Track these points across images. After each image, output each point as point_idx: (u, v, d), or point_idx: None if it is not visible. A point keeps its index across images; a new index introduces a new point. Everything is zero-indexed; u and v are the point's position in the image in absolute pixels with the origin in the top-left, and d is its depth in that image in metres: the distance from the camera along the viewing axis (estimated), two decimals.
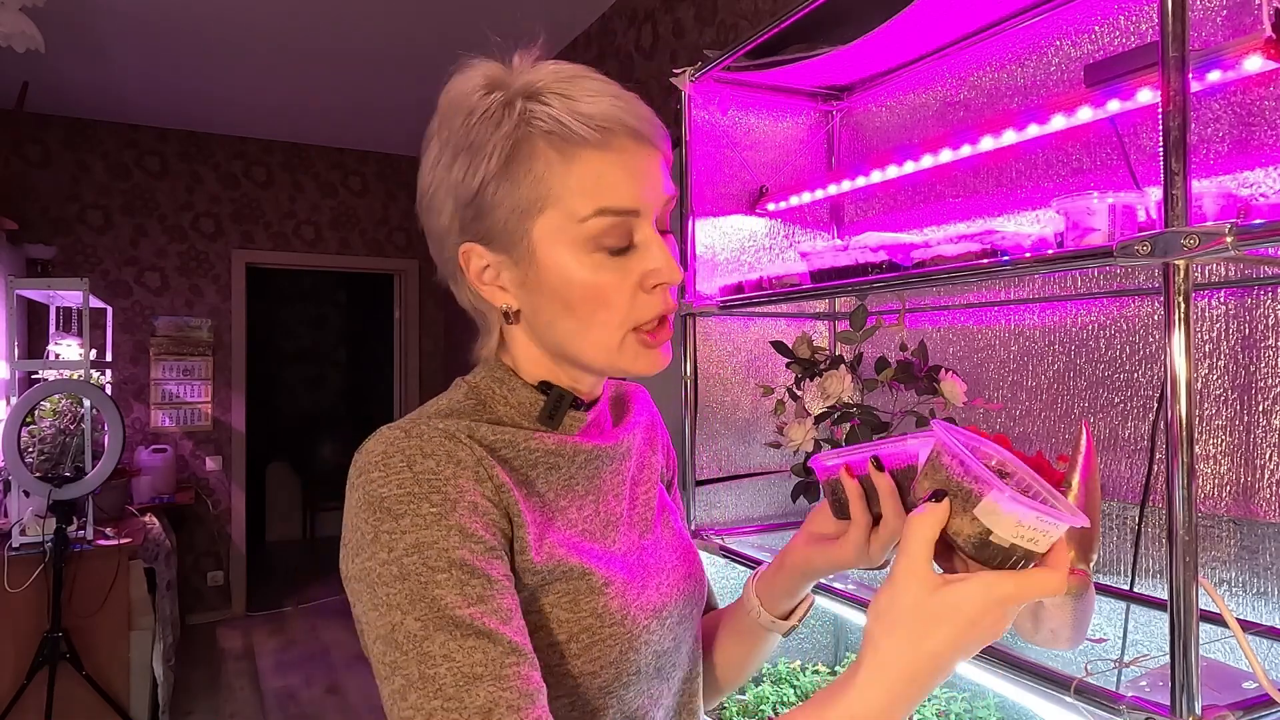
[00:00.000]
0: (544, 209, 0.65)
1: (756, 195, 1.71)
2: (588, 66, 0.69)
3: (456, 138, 0.65)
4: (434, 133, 0.68)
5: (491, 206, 0.65)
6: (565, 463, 0.72)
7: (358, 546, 0.60)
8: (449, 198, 0.67)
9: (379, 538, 0.59)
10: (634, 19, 3.09)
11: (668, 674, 0.74)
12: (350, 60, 3.85)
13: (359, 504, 0.61)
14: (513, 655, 0.57)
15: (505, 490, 0.65)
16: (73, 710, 2.98)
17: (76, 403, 3.27)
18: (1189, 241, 0.74)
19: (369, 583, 0.59)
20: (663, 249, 0.67)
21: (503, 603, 0.59)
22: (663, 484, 0.86)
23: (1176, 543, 0.74)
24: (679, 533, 0.83)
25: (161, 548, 3.69)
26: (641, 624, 0.70)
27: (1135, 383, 1.20)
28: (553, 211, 0.64)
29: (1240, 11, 1.05)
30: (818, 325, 1.76)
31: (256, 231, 5.18)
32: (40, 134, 4.61)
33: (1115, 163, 1.21)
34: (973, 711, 1.40)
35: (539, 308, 0.68)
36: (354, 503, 0.62)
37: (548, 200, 0.64)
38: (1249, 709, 0.76)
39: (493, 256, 0.67)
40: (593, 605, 0.67)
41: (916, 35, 1.43)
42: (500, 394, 0.72)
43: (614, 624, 0.67)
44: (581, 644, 0.66)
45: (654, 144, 0.69)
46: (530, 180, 0.64)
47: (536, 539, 0.66)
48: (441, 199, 0.67)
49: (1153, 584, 1.15)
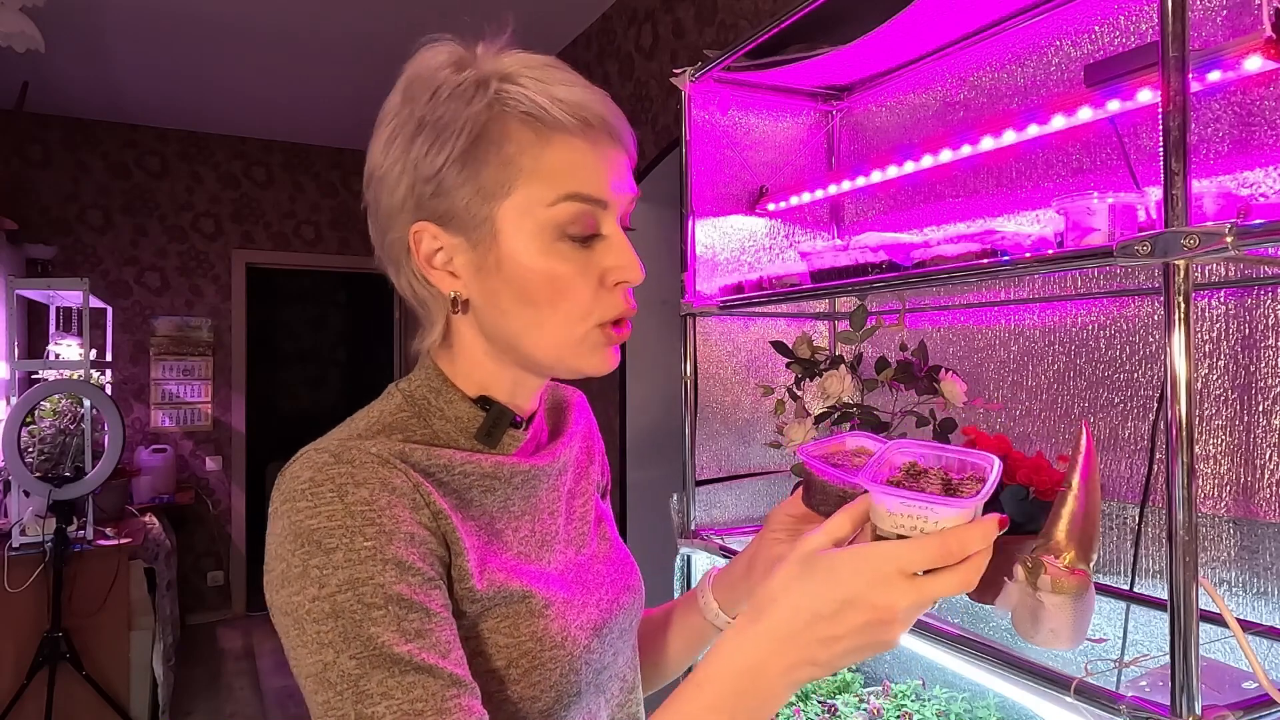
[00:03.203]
0: (510, 191, 0.62)
1: (756, 195, 1.71)
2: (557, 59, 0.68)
3: (421, 113, 0.63)
4: (393, 108, 0.65)
5: (454, 186, 0.62)
6: (502, 485, 0.68)
7: (283, 579, 0.57)
8: (405, 174, 0.63)
9: (308, 572, 0.55)
10: (634, 19, 3.09)
11: (605, 687, 0.73)
12: (351, 60, 3.85)
13: (285, 534, 0.57)
14: (454, 688, 0.55)
15: (443, 517, 0.62)
16: (73, 710, 2.99)
17: (76, 403, 3.27)
18: (1189, 241, 0.74)
19: (296, 619, 0.56)
20: (627, 246, 0.66)
21: (442, 636, 0.57)
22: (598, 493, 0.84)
23: (1176, 543, 0.74)
24: (615, 544, 0.81)
25: (161, 548, 3.69)
26: (582, 644, 0.68)
27: (1135, 383, 1.20)
28: (520, 195, 0.62)
29: (1240, 11, 1.05)
30: (818, 325, 1.76)
31: (256, 231, 5.18)
32: (40, 134, 4.62)
33: (1115, 163, 1.21)
34: (973, 711, 1.40)
35: (494, 296, 0.64)
36: (279, 531, 0.58)
37: (516, 183, 0.62)
38: (1249, 709, 0.76)
39: (448, 239, 0.64)
40: (533, 629, 0.64)
41: (916, 35, 1.43)
42: (436, 405, 0.68)
43: (554, 646, 0.65)
44: (521, 669, 0.63)
45: (624, 143, 0.67)
46: (499, 161, 0.62)
47: (478, 565, 0.63)
48: (396, 176, 0.64)
49: (1153, 584, 1.15)
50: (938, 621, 1.05)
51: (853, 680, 1.60)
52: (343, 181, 5.44)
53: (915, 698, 1.50)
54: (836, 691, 1.58)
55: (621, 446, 3.14)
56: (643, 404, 3.16)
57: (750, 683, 0.53)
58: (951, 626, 1.03)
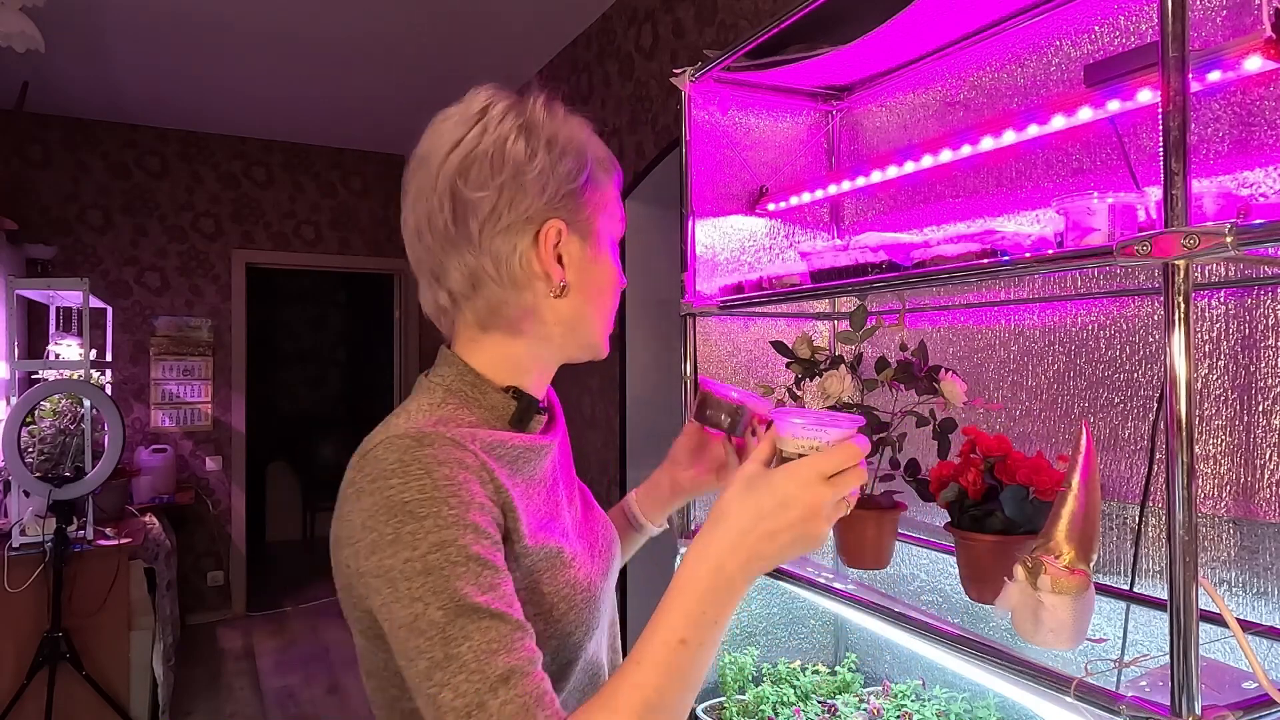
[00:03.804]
0: (602, 208, 0.84)
1: (756, 195, 1.71)
2: None
3: (562, 141, 0.81)
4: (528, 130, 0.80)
5: (586, 200, 0.82)
6: (533, 458, 0.82)
7: (374, 546, 0.67)
8: (548, 184, 0.79)
9: (400, 538, 0.66)
10: (634, 19, 3.09)
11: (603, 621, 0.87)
12: (351, 60, 3.85)
13: (376, 508, 0.68)
14: (518, 631, 0.66)
15: (503, 489, 0.74)
16: (73, 710, 2.99)
17: (76, 403, 3.27)
18: (1189, 241, 0.74)
19: (390, 579, 0.66)
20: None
21: (507, 589, 0.69)
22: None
23: (1176, 543, 0.74)
24: (593, 505, 0.97)
25: (161, 548, 3.69)
26: (597, 587, 0.83)
27: (1135, 383, 1.20)
28: (605, 212, 0.85)
29: (1240, 11, 1.05)
30: (818, 325, 1.76)
31: (256, 231, 5.18)
32: (40, 134, 4.62)
33: (1115, 163, 1.21)
34: (973, 711, 1.40)
35: (584, 283, 0.83)
36: (368, 506, 0.68)
37: (604, 204, 0.85)
38: (1249, 709, 0.76)
39: (572, 237, 0.82)
40: (566, 578, 0.79)
41: (916, 35, 1.43)
42: (474, 396, 0.81)
43: (582, 591, 0.80)
44: (560, 611, 0.77)
45: None
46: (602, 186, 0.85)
47: (528, 526, 0.76)
48: (539, 187, 0.79)
49: (1153, 584, 1.15)
50: (938, 621, 1.05)
51: (853, 680, 1.60)
52: (343, 181, 5.44)
53: (915, 698, 1.50)
54: (836, 691, 1.58)
55: (621, 446, 3.14)
56: (642, 404, 3.16)
57: (715, 579, 0.68)
58: (951, 626, 1.03)
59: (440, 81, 4.01)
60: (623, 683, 0.65)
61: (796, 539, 0.68)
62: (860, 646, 1.72)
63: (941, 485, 1.16)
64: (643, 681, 0.65)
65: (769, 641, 1.72)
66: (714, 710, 1.58)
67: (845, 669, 1.63)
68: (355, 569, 0.69)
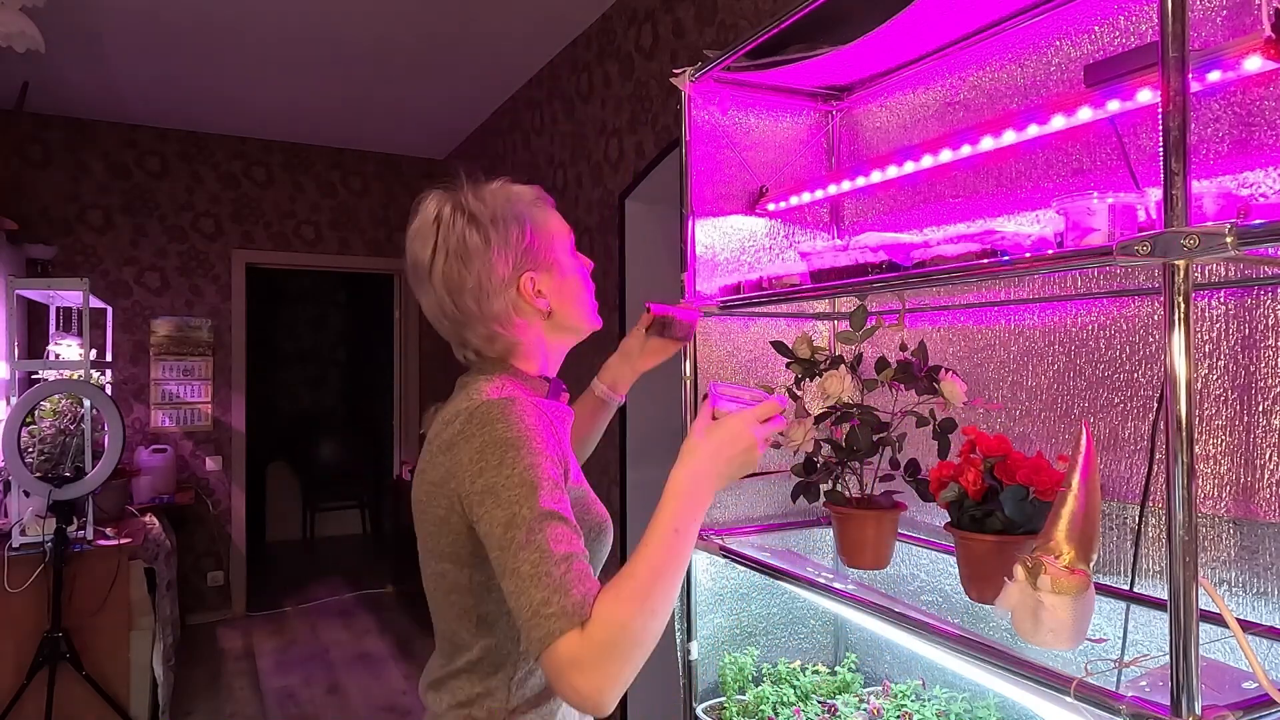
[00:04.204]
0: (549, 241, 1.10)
1: (756, 195, 1.71)
2: None
3: (501, 216, 1.05)
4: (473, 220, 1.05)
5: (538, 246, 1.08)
6: (566, 418, 1.13)
7: (481, 469, 0.93)
8: (508, 254, 1.05)
9: (504, 461, 0.92)
10: (634, 19, 3.09)
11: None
12: (350, 60, 3.85)
13: (485, 444, 0.94)
14: (575, 531, 0.91)
15: (561, 441, 1.01)
16: (73, 710, 2.98)
17: (76, 403, 3.27)
18: (1189, 241, 0.74)
19: (494, 491, 0.91)
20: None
21: (568, 503, 0.94)
22: None
23: (1176, 543, 0.74)
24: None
25: (161, 548, 3.69)
26: (607, 518, 1.09)
27: (1135, 383, 1.20)
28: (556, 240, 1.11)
29: (1240, 11, 1.05)
30: (818, 325, 1.76)
31: (256, 231, 5.18)
32: (40, 134, 4.62)
33: (1115, 163, 1.21)
34: (973, 711, 1.40)
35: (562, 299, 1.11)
36: (478, 444, 0.94)
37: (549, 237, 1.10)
38: (1249, 709, 0.76)
39: (540, 276, 1.08)
40: (594, 513, 1.06)
41: (916, 35, 1.43)
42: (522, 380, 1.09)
43: (603, 521, 1.07)
44: (593, 535, 1.04)
45: None
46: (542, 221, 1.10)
47: (572, 470, 1.03)
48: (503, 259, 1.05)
49: (1153, 584, 1.15)
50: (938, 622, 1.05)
51: (853, 680, 1.61)
52: (342, 181, 5.44)
53: (915, 698, 1.50)
54: (836, 691, 1.58)
55: (621, 446, 3.14)
56: (643, 404, 3.16)
57: (693, 487, 0.95)
58: (951, 626, 1.03)
59: (440, 82, 4.02)
60: (637, 557, 0.89)
61: (744, 463, 0.99)
62: (860, 646, 1.72)
63: (941, 485, 1.16)
64: (650, 555, 0.89)
65: (769, 641, 1.72)
66: (714, 710, 1.58)
67: (845, 669, 1.63)
68: (465, 491, 0.94)
